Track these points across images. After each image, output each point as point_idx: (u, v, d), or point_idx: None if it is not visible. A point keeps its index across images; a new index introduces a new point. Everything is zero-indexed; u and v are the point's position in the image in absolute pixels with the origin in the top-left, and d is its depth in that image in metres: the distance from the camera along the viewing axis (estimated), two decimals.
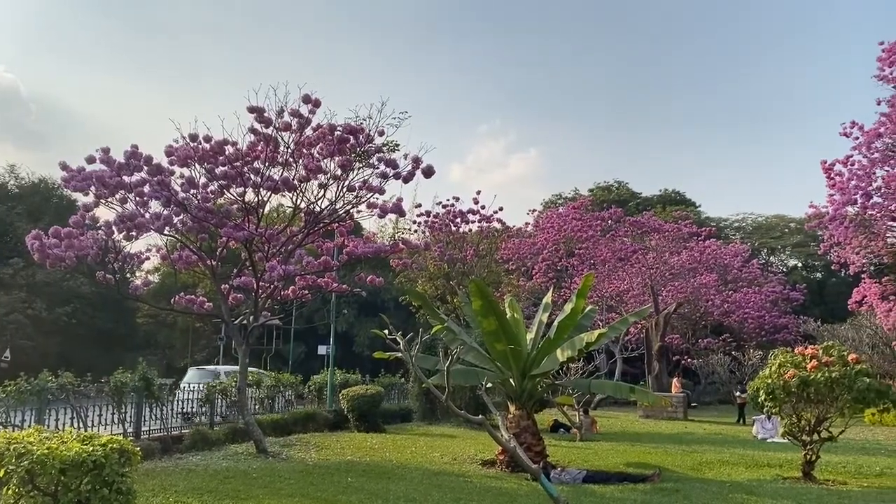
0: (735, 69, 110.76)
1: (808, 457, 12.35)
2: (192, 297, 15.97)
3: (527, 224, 39.25)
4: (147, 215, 13.75)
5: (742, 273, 41.86)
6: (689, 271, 37.76)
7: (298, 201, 14.90)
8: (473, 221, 27.73)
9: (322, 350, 27.88)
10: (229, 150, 14.10)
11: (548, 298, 15.68)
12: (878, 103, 19.52)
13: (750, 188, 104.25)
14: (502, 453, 12.88)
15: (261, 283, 14.86)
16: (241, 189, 14.42)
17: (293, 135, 14.29)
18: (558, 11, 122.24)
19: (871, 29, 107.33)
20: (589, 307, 15.57)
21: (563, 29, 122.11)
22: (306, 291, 16.50)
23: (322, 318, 35.43)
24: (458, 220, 27.25)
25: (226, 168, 14.04)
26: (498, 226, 28.72)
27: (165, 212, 13.93)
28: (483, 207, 27.36)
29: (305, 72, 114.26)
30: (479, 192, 27.40)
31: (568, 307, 13.85)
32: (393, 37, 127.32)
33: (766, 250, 56.54)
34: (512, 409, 13.95)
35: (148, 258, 17.27)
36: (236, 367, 17.59)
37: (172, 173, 13.95)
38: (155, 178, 13.58)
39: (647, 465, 13.76)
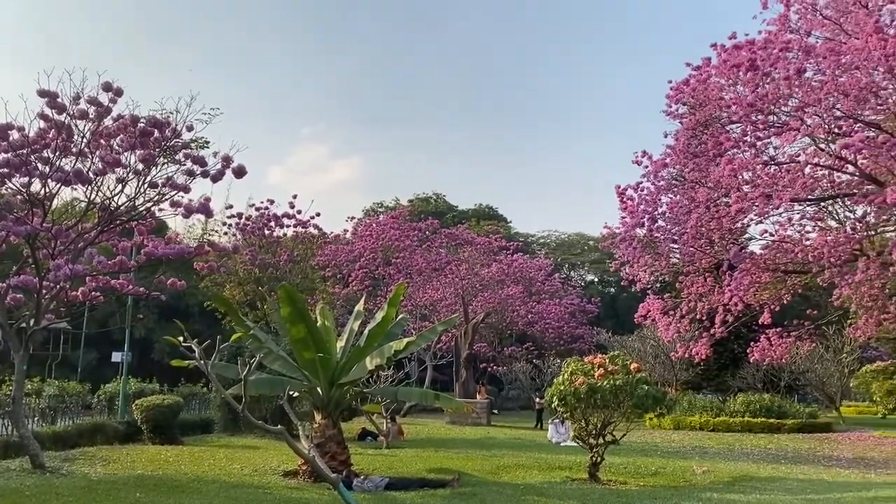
0: (545, 95, 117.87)
1: (594, 459, 13.30)
2: None
3: (345, 231, 39.12)
4: None
5: (545, 286, 44.37)
6: (497, 283, 39.44)
7: (93, 196, 13.75)
8: (289, 226, 27.14)
9: (116, 357, 25.85)
10: (14, 135, 12.70)
11: (360, 306, 15.67)
12: (665, 136, 21.56)
13: (556, 207, 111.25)
14: (305, 463, 12.63)
15: (45, 284, 13.50)
16: (26, 179, 13.04)
17: (90, 124, 13.17)
18: (392, 17, 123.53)
19: (672, 57, 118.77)
20: (401, 316, 15.78)
21: (394, 37, 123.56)
22: (98, 293, 15.22)
23: (117, 322, 32.88)
24: (273, 223, 26.53)
25: (8, 155, 12.63)
26: (314, 231, 28.33)
27: None
28: (299, 212, 26.87)
29: (105, 59, 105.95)
30: (295, 196, 26.90)
31: (379, 315, 13.94)
32: (211, 31, 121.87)
33: (567, 265, 60.48)
34: (318, 418, 13.77)
35: None
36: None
37: None
38: None
39: (448, 470, 14.12)
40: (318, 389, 13.66)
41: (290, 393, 13.69)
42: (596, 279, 60.94)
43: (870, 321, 19.89)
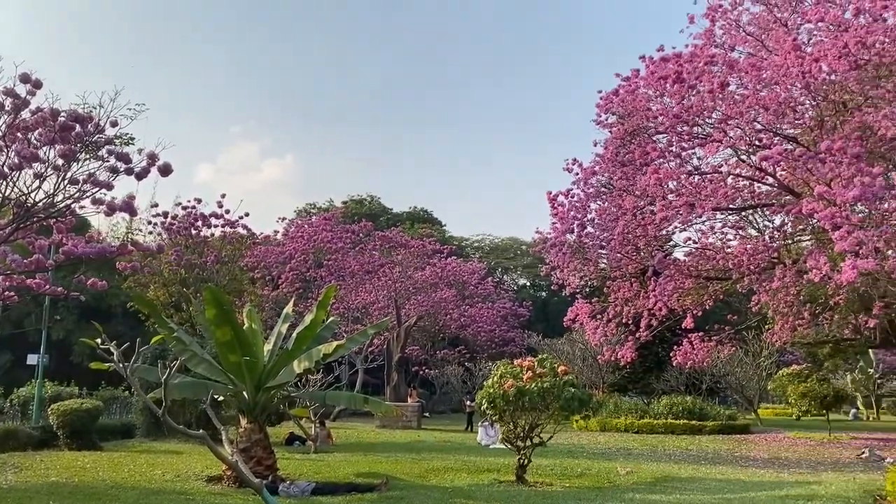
0: (481, 100, 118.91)
1: (522, 461, 13.44)
2: None
3: (276, 232, 38.54)
4: None
5: (478, 289, 44.75)
6: (430, 286, 39.56)
7: (8, 191, 13.12)
8: (217, 226, 26.54)
9: (32, 360, 24.75)
10: None
11: (289, 309, 15.44)
12: (595, 144, 22.03)
13: (491, 211, 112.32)
14: (229, 469, 12.35)
15: None
16: None
17: (6, 116, 12.58)
18: (329, 14, 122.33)
19: (607, 63, 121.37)
20: (331, 319, 15.61)
21: (330, 35, 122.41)
22: (12, 293, 14.55)
23: (33, 323, 31.48)
24: (200, 223, 25.90)
25: None
26: (243, 231, 27.80)
27: None
28: (228, 212, 26.31)
29: (25, 51, 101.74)
30: (223, 196, 26.36)
31: (308, 318, 13.75)
32: (143, 29, 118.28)
33: (500, 269, 61.09)
34: (244, 422, 13.50)
35: None
36: None
37: None
38: None
39: (376, 474, 14.05)
40: (244, 393, 13.40)
41: (215, 397, 13.37)
42: (528, 283, 61.74)
43: (785, 326, 20.78)
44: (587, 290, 29.55)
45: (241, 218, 26.95)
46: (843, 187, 13.77)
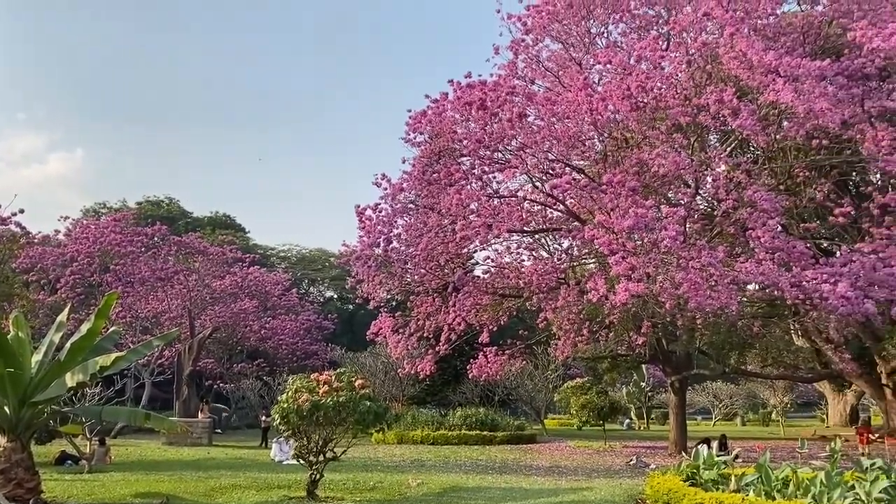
0: (292, 108, 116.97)
1: (314, 476, 13.23)
2: None
3: (57, 232, 35.15)
4: None
5: (281, 301, 43.70)
6: (230, 296, 38.03)
7: None
8: None
9: None
10: None
11: (63, 317, 14.09)
12: (403, 162, 22.47)
13: (299, 221, 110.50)
14: None
15: None
16: None
17: None
18: (136, 2, 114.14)
19: (424, 80, 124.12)
20: (112, 328, 14.50)
21: (135, 25, 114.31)
22: None
23: None
24: None
25: None
26: (16, 229, 25.04)
27: None
28: None
29: None
30: None
31: (85, 327, 12.63)
32: None
33: (307, 281, 60.17)
34: (3, 441, 12.09)
35: None
36: None
37: None
38: None
39: (156, 494, 13.18)
40: (6, 409, 12.02)
41: None
42: (336, 296, 61.35)
43: (567, 342, 22.37)
44: (392, 303, 29.95)
45: (14, 214, 24.28)
46: (620, 217, 15.15)
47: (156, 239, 36.99)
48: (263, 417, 27.69)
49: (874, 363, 30.43)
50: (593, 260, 23.80)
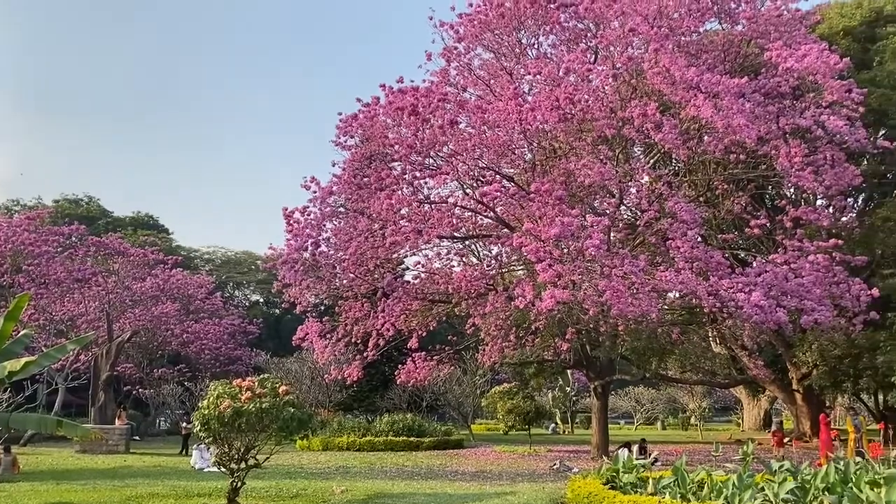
0: (221, 108, 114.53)
1: (235, 484, 12.93)
2: None
3: None
4: None
5: (205, 304, 42.61)
6: (151, 299, 36.87)
7: None
8: None
9: None
10: None
11: None
12: (333, 165, 22.28)
13: (225, 223, 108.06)
14: None
15: None
16: None
17: None
18: None
19: (357, 79, 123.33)
20: (23, 331, 13.83)
21: (60, 14, 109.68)
22: None
23: None
24: None
25: None
26: None
27: None
28: None
29: None
30: None
31: None
32: None
33: (232, 284, 58.84)
34: None
35: None
36: None
37: None
38: None
39: None
40: None
41: None
42: (262, 300, 60.20)
43: (494, 348, 22.57)
44: (320, 308, 29.60)
45: None
46: (547, 225, 15.42)
47: (73, 239, 35.59)
48: (184, 424, 26.91)
49: (786, 369, 31.91)
50: (522, 267, 24.13)
